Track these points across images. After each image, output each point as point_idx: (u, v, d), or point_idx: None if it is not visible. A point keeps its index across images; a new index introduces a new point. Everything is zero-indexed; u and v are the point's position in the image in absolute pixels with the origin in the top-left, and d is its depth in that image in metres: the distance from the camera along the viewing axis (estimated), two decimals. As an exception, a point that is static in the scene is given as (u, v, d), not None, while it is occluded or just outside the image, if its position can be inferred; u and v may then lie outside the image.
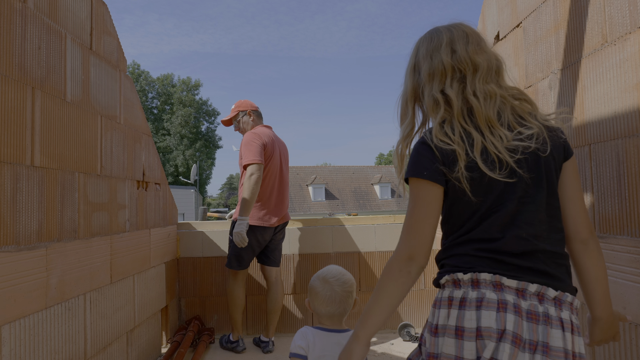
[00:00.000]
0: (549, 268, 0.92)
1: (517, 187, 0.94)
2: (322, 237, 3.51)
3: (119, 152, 2.38)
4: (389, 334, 3.43)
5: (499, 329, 0.85)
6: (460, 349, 0.88)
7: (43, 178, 1.70)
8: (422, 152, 0.98)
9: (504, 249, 0.92)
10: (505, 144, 0.93)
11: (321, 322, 1.45)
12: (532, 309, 0.88)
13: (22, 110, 1.60)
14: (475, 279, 0.92)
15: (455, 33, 1.03)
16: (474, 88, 0.98)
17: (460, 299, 0.91)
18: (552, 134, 0.98)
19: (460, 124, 0.97)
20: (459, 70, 1.00)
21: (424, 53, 1.05)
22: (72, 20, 1.97)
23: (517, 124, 0.97)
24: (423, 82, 1.04)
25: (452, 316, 0.91)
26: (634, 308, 1.39)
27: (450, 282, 0.96)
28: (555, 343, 0.86)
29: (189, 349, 3.08)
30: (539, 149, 0.95)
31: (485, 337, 0.85)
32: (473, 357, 0.86)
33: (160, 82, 42.82)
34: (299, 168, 33.80)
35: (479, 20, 2.64)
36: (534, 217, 0.93)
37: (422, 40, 1.08)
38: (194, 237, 3.45)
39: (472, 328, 0.87)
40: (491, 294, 0.89)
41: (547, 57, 1.87)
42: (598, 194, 1.55)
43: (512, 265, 0.91)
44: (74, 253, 1.89)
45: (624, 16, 1.43)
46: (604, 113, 1.53)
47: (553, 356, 0.85)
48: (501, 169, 0.92)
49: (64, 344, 1.80)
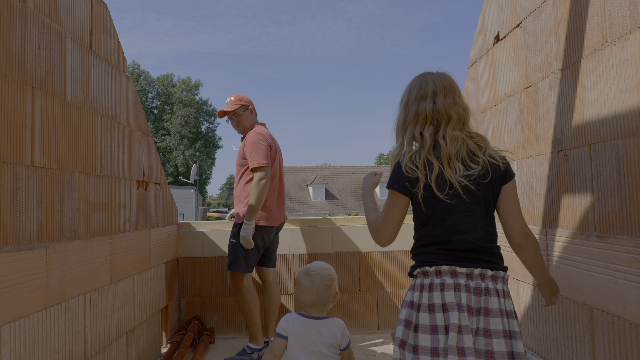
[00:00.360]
0: (486, 257, 1.32)
1: (459, 204, 1.32)
2: (322, 237, 3.51)
3: (119, 152, 2.38)
4: (389, 333, 3.43)
5: (458, 303, 1.24)
6: (433, 319, 1.26)
7: (43, 178, 1.70)
8: (396, 171, 1.40)
9: (456, 249, 1.32)
10: (458, 174, 1.31)
11: (304, 310, 1.67)
12: (477, 286, 1.28)
13: (22, 110, 1.60)
14: (438, 270, 1.31)
15: (439, 86, 1.40)
16: (444, 133, 1.37)
17: (429, 284, 1.31)
18: (494, 165, 1.33)
19: (427, 156, 1.34)
20: (436, 119, 1.38)
21: (414, 97, 1.42)
22: (72, 20, 1.97)
23: (469, 160, 1.33)
24: (409, 120, 1.42)
25: (424, 297, 1.29)
26: (634, 308, 1.39)
27: (421, 273, 1.35)
28: (493, 306, 1.26)
29: (189, 349, 3.08)
30: (481, 177, 1.32)
31: (449, 309, 1.24)
32: (442, 324, 1.24)
33: (160, 82, 42.82)
34: (299, 168, 33.79)
35: (479, 20, 2.64)
36: (476, 225, 1.33)
37: (414, 85, 1.45)
38: (194, 237, 3.45)
39: (439, 304, 1.26)
40: (449, 280, 1.28)
41: (547, 57, 1.87)
42: (598, 194, 1.55)
43: (463, 258, 1.31)
44: (73, 253, 1.89)
45: (624, 16, 1.43)
46: (604, 113, 1.53)
47: (492, 315, 1.25)
48: (450, 191, 1.31)
49: (63, 344, 1.80)
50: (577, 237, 1.66)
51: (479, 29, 2.61)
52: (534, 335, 1.98)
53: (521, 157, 2.07)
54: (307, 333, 1.58)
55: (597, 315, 1.56)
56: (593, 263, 1.58)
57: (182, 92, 42.66)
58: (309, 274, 1.68)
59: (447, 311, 1.25)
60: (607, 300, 1.51)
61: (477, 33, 2.65)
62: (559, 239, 1.78)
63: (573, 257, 1.69)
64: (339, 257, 3.50)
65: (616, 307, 1.47)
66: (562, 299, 1.76)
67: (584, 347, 1.64)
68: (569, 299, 1.72)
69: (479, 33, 2.62)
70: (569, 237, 1.72)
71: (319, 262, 1.75)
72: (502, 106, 2.28)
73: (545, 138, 1.87)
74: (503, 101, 2.26)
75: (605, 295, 1.52)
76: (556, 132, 1.80)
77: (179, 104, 41.63)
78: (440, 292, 1.27)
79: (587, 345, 1.62)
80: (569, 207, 1.71)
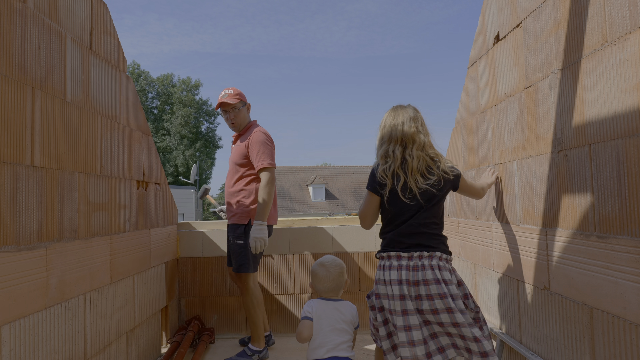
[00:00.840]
0: (426, 242, 1.79)
1: (415, 205, 1.82)
2: (322, 237, 3.51)
3: (119, 152, 2.38)
4: (389, 334, 3.43)
5: (399, 279, 1.75)
6: (385, 289, 1.80)
7: (43, 178, 1.70)
8: (372, 177, 1.92)
9: (403, 234, 1.82)
10: (417, 183, 1.80)
11: (323, 296, 1.97)
12: (415, 265, 1.76)
13: (22, 110, 1.60)
14: (389, 255, 1.83)
15: (406, 117, 1.88)
16: (410, 152, 1.84)
17: (383, 265, 1.84)
18: (446, 178, 1.84)
19: (396, 169, 1.84)
20: (404, 141, 1.86)
21: (389, 124, 1.91)
22: (72, 20, 1.97)
23: (427, 172, 1.82)
24: (384, 141, 1.90)
25: (380, 275, 1.83)
26: (634, 308, 1.39)
27: (380, 258, 1.89)
28: (429, 277, 1.72)
29: (189, 349, 3.08)
30: (436, 185, 1.82)
31: (394, 284, 1.76)
32: (391, 294, 1.76)
33: (160, 82, 42.80)
34: (299, 168, 33.78)
35: (479, 20, 2.64)
36: (423, 220, 1.81)
37: (389, 115, 1.94)
38: (194, 237, 3.45)
39: (389, 279, 1.78)
40: (395, 262, 1.79)
41: (547, 57, 1.87)
42: (598, 194, 1.55)
43: (406, 244, 1.81)
44: (73, 253, 1.89)
45: (624, 16, 1.43)
46: (604, 113, 1.53)
47: (430, 284, 1.71)
48: (410, 194, 1.81)
49: (63, 344, 1.80)
50: (577, 237, 1.66)
51: (479, 29, 2.61)
52: (534, 335, 1.98)
53: (521, 157, 2.07)
54: (330, 313, 1.88)
55: (597, 315, 1.56)
56: (593, 263, 1.58)
57: (182, 92, 42.64)
58: (324, 265, 1.99)
59: (392, 284, 1.77)
60: (607, 300, 1.51)
61: (477, 33, 2.65)
62: (559, 239, 1.78)
63: (573, 257, 1.69)
64: (339, 257, 3.50)
65: (616, 307, 1.47)
66: (562, 299, 1.76)
67: (583, 347, 1.64)
68: (569, 299, 1.72)
69: (479, 33, 2.62)
70: (568, 237, 1.72)
71: (329, 256, 2.07)
72: (502, 106, 2.28)
73: (545, 138, 1.87)
74: (503, 101, 2.26)
75: (605, 295, 1.52)
76: (556, 132, 1.80)
77: (179, 104, 41.62)
78: (389, 271, 1.79)
79: (587, 345, 1.62)
80: (569, 207, 1.71)
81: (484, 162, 2.53)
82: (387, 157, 1.86)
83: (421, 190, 1.79)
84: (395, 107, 1.95)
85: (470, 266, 2.76)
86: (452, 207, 3.09)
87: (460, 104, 2.95)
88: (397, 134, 1.85)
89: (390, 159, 1.85)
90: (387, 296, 1.77)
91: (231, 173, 2.99)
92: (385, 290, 1.78)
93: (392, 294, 1.75)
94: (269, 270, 3.50)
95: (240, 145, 2.93)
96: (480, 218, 2.57)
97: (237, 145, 2.97)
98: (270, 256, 3.48)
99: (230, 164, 3.01)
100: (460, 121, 2.94)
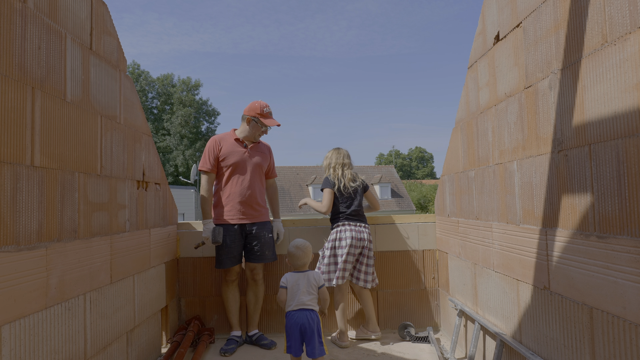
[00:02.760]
0: (362, 218, 3.33)
1: (352, 197, 3.33)
2: (322, 237, 3.51)
3: (119, 152, 2.38)
4: (389, 333, 3.43)
5: (351, 237, 3.19)
6: (340, 239, 3.24)
7: (43, 178, 1.70)
8: (327, 181, 3.38)
9: (350, 215, 3.29)
10: (350, 186, 3.33)
11: (295, 269, 2.60)
12: (358, 229, 3.24)
13: (22, 110, 1.60)
14: (343, 224, 3.27)
15: (343, 154, 3.46)
16: (343, 169, 3.39)
17: (337, 230, 3.26)
18: (362, 184, 3.42)
19: (338, 177, 3.35)
20: (342, 165, 3.40)
21: (334, 159, 3.43)
22: (72, 20, 1.97)
23: (352, 181, 3.36)
24: (332, 167, 3.41)
25: (333, 235, 3.26)
26: (634, 308, 1.39)
27: (335, 226, 3.31)
28: (364, 236, 3.24)
29: (189, 349, 3.08)
30: (358, 188, 3.37)
31: (343, 239, 3.20)
32: (344, 244, 3.19)
33: (160, 82, 42.80)
34: (298, 168, 33.78)
35: (479, 20, 2.64)
36: (357, 206, 3.33)
37: (333, 153, 3.47)
38: (194, 237, 3.45)
39: (340, 237, 3.22)
40: (346, 227, 3.24)
41: (547, 57, 1.87)
42: (598, 194, 1.55)
43: (353, 218, 3.28)
44: (74, 253, 1.89)
45: (624, 16, 1.43)
46: (604, 113, 1.53)
47: (364, 239, 3.23)
48: (346, 192, 3.32)
49: (63, 344, 1.80)
50: (577, 237, 1.66)
51: (479, 29, 2.61)
52: (534, 335, 1.98)
53: (521, 157, 2.07)
54: (299, 281, 2.53)
55: (597, 315, 1.56)
56: (593, 263, 1.58)
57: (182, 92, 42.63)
58: (299, 247, 2.61)
59: (341, 239, 3.21)
60: (607, 300, 1.51)
61: (477, 33, 2.65)
62: (559, 239, 1.78)
63: (573, 257, 1.69)
64: (339, 257, 3.50)
65: (616, 307, 1.47)
66: (562, 299, 1.76)
67: (583, 347, 1.64)
68: (569, 299, 1.72)
69: (479, 33, 2.62)
70: (568, 237, 1.72)
71: (300, 239, 2.67)
72: (502, 106, 2.28)
73: (545, 138, 1.87)
74: (503, 101, 2.26)
75: (605, 295, 1.52)
76: (556, 132, 1.80)
77: (179, 104, 41.61)
78: (344, 232, 3.21)
79: (587, 345, 1.62)
80: (569, 207, 1.71)
81: (484, 162, 2.53)
82: (334, 172, 3.37)
83: (353, 190, 3.33)
84: (337, 151, 3.45)
85: (470, 266, 2.76)
86: (452, 207, 3.09)
87: (460, 104, 2.95)
88: (337, 163, 3.38)
89: (334, 172, 3.38)
90: (339, 245, 3.24)
91: (256, 176, 3.24)
92: (338, 241, 3.25)
93: (344, 244, 3.20)
94: (269, 270, 3.50)
95: (262, 154, 3.31)
96: (480, 218, 2.57)
97: (258, 152, 3.29)
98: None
99: (250, 167, 3.21)
100: (460, 121, 2.94)
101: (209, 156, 3.15)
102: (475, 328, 2.55)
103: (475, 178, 2.65)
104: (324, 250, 3.26)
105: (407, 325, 3.32)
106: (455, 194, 3.01)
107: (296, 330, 2.41)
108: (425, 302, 3.53)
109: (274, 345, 3.15)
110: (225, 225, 3.13)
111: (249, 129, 3.22)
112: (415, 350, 3.06)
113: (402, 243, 3.56)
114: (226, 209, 3.14)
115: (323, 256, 3.25)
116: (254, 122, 3.20)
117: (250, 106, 3.23)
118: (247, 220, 3.17)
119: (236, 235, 3.14)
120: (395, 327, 3.48)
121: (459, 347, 2.98)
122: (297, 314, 2.44)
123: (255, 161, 3.23)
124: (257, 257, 3.20)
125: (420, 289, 3.53)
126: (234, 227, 3.13)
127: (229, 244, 3.11)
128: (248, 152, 3.21)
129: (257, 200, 3.21)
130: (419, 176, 76.42)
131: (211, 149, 3.16)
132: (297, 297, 2.47)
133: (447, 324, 3.31)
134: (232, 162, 3.14)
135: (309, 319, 2.42)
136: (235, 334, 3.24)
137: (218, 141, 3.19)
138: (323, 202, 3.27)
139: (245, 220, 3.16)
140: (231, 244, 3.12)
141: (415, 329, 3.46)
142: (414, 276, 3.55)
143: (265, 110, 3.21)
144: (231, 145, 3.18)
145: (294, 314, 2.44)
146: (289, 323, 2.44)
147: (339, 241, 3.19)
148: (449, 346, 2.99)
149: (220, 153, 3.15)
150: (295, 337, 2.41)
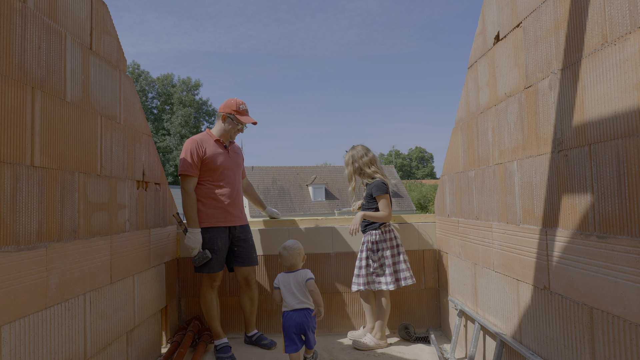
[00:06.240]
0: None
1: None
2: (322, 237, 3.51)
3: (119, 152, 2.38)
4: (389, 333, 3.43)
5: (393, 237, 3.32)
6: (396, 240, 3.30)
7: (43, 178, 1.70)
8: (381, 185, 3.27)
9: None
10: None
11: (286, 269, 2.69)
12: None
13: (22, 110, 1.60)
14: (389, 223, 3.29)
15: (367, 152, 3.34)
16: (375, 166, 3.32)
17: (390, 229, 3.29)
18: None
19: (386, 176, 3.33)
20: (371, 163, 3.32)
21: (370, 153, 3.34)
22: (72, 20, 1.97)
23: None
24: (373, 162, 3.32)
25: (388, 235, 3.28)
26: (634, 308, 1.39)
27: (382, 225, 3.25)
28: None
29: (189, 349, 3.08)
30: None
31: (398, 237, 3.31)
32: (399, 243, 3.29)
33: (160, 82, 42.79)
34: (299, 168, 33.78)
35: (479, 20, 2.64)
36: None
37: (362, 148, 3.36)
38: (194, 237, 3.44)
39: (397, 236, 3.32)
40: (392, 226, 3.38)
41: (547, 57, 1.87)
42: (598, 194, 1.55)
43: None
44: (73, 253, 1.89)
45: (624, 16, 1.43)
46: (604, 113, 1.53)
47: None
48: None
49: (63, 344, 1.80)
50: (577, 237, 1.66)
51: (479, 29, 2.61)
52: (534, 335, 1.98)
53: (521, 157, 2.07)
54: (289, 281, 2.62)
55: (597, 315, 1.56)
56: (593, 263, 1.58)
57: (182, 92, 42.63)
58: (286, 249, 2.68)
59: (399, 237, 3.30)
60: (607, 300, 1.51)
61: (477, 33, 2.65)
62: (559, 239, 1.78)
63: (573, 257, 1.69)
64: (339, 257, 3.50)
65: (616, 307, 1.47)
66: (562, 299, 1.76)
67: (583, 347, 1.64)
68: (569, 299, 1.72)
69: (479, 33, 2.62)
70: (569, 237, 1.72)
71: (291, 240, 2.76)
72: (502, 106, 2.28)
73: (545, 138, 1.87)
74: (503, 101, 2.26)
75: (605, 295, 1.52)
76: (556, 132, 1.80)
77: (179, 104, 41.61)
78: (394, 232, 3.26)
79: (587, 345, 1.62)
80: (569, 207, 1.71)
81: (484, 162, 2.53)
82: (380, 169, 3.36)
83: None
84: (361, 148, 3.36)
85: (470, 266, 2.76)
86: (452, 207, 3.09)
87: (460, 104, 2.95)
88: (367, 161, 3.33)
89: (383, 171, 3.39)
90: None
91: (237, 177, 3.19)
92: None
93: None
94: (270, 270, 3.50)
95: (237, 155, 3.27)
96: (480, 218, 2.57)
97: (234, 153, 3.23)
98: (271, 256, 3.47)
99: (233, 168, 3.16)
100: (460, 121, 2.94)
101: (192, 159, 2.95)
102: (475, 328, 2.55)
103: (475, 178, 2.65)
104: (383, 252, 3.16)
105: (407, 325, 3.32)
106: (455, 194, 3.01)
107: (292, 330, 2.52)
108: (425, 302, 3.53)
109: (274, 345, 3.15)
110: (217, 228, 3.02)
111: (224, 127, 3.10)
112: (415, 350, 3.06)
113: (402, 243, 3.56)
114: (216, 212, 3.01)
115: (386, 263, 3.14)
116: (230, 119, 3.09)
117: (225, 103, 3.13)
118: (237, 222, 3.11)
119: (226, 239, 3.07)
120: (395, 327, 3.48)
121: (459, 347, 2.98)
122: (292, 314, 2.55)
123: (237, 162, 3.19)
124: (248, 261, 3.16)
125: (420, 289, 3.53)
126: (225, 230, 3.06)
127: (220, 247, 3.02)
128: (230, 154, 3.14)
129: (242, 202, 3.19)
130: (419, 176, 76.45)
131: (194, 151, 2.96)
132: (290, 297, 2.59)
133: (447, 324, 3.31)
134: (219, 164, 3.02)
135: (303, 318, 2.54)
136: (223, 341, 3.06)
137: (200, 143, 3.01)
138: (386, 211, 3.15)
139: (235, 223, 3.09)
140: (222, 247, 3.03)
141: (415, 329, 3.46)
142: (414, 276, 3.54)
143: (241, 107, 3.11)
144: (213, 147, 3.05)
145: (290, 314, 2.55)
146: (286, 323, 2.55)
147: (397, 239, 3.24)
148: (449, 346, 2.99)
149: (205, 156, 2.99)
150: (291, 337, 2.53)
